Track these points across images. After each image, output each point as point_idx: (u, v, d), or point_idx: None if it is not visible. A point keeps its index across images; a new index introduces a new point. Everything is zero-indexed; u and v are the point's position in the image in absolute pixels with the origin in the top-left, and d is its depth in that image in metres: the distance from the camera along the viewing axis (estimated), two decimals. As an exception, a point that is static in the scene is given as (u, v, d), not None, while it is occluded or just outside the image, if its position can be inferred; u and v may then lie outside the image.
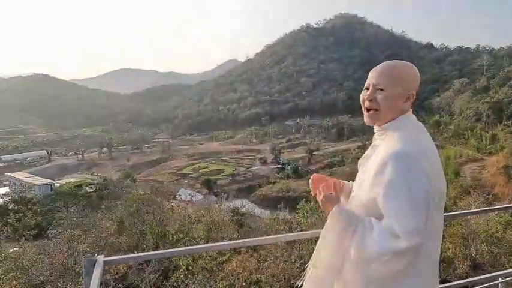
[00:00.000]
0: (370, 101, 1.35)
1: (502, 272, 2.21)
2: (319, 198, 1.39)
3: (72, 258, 8.36)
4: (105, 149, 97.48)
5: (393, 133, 1.32)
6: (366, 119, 1.39)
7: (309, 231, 1.87)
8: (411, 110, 1.40)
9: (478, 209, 5.81)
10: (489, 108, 67.85)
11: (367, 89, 1.38)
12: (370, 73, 1.39)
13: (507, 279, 2.12)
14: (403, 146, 1.23)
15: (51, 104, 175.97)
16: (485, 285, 2.13)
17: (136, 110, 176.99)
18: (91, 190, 41.88)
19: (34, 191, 41.06)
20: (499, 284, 2.15)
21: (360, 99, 1.41)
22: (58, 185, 50.24)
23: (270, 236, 2.34)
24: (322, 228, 1.39)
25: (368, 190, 1.26)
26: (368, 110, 1.37)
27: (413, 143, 1.26)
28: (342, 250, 1.26)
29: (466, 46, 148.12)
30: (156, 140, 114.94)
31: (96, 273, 1.30)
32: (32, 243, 11.82)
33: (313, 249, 1.39)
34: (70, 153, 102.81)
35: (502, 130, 59.25)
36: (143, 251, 8.37)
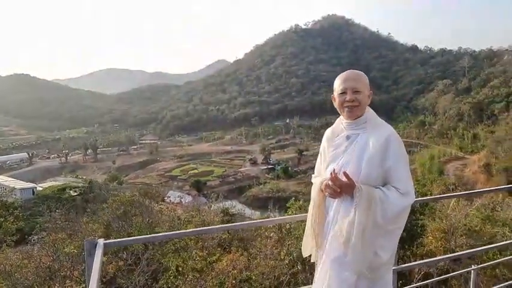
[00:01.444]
0: (353, 101, 1.74)
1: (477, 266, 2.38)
2: (336, 186, 1.65)
3: (58, 262, 8.25)
4: (90, 151, 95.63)
5: (374, 122, 1.76)
6: (348, 115, 1.78)
7: (294, 215, 2.03)
8: None
9: (446, 195, 6.05)
10: (471, 108, 69.71)
11: (344, 93, 1.76)
12: (341, 81, 1.80)
13: (479, 266, 2.27)
14: (391, 129, 1.71)
15: (32, 105, 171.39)
16: (460, 271, 2.28)
17: (122, 111, 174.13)
18: (75, 193, 40.99)
19: (15, 195, 39.74)
20: (472, 271, 2.30)
21: (338, 102, 1.82)
22: (40, 188, 48.90)
23: (258, 220, 2.47)
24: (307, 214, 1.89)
25: (377, 165, 1.64)
26: (352, 107, 1.75)
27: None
28: (371, 217, 1.59)
29: (448, 48, 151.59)
30: (143, 141, 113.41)
31: (98, 253, 1.41)
32: (14, 249, 11.56)
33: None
34: (53, 155, 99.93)
35: (482, 129, 60.93)
36: (132, 253, 8.33)
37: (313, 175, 2.00)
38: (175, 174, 69.65)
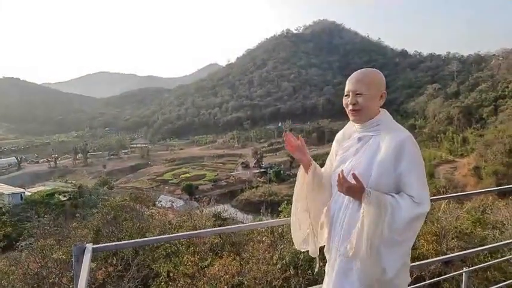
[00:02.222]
0: (353, 104, 1.64)
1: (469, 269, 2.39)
2: (344, 187, 1.56)
3: (47, 268, 8.08)
4: (79, 155, 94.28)
5: (387, 124, 1.65)
6: (352, 118, 1.70)
7: (287, 218, 2.01)
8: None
9: (437, 197, 6.10)
10: (460, 112, 70.75)
11: (348, 95, 1.67)
12: (347, 82, 1.68)
13: (471, 268, 2.27)
14: (406, 132, 1.59)
15: (21, 109, 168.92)
16: (452, 274, 2.28)
17: (113, 115, 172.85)
18: (64, 198, 40.34)
19: (3, 200, 39.03)
20: (464, 274, 2.30)
21: (344, 105, 1.70)
22: (29, 193, 47.95)
23: (250, 223, 2.44)
24: None
25: (389, 170, 1.52)
26: (353, 111, 1.66)
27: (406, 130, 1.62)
28: (380, 225, 1.48)
29: (437, 53, 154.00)
30: (134, 145, 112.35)
31: (86, 258, 1.36)
32: (1, 256, 11.29)
33: (294, 251, 1.67)
34: (42, 160, 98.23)
35: (471, 133, 61.86)
36: (122, 258, 8.21)
37: None
38: (166, 178, 69.06)
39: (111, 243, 1.69)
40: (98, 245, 1.52)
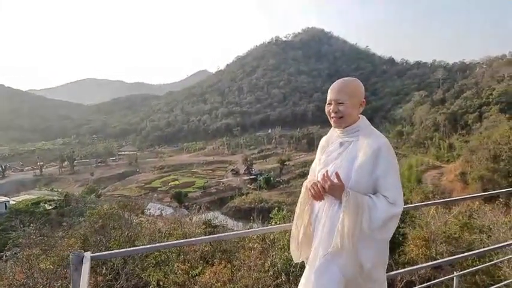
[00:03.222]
0: (335, 112, 1.78)
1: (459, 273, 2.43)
2: (326, 186, 1.68)
3: (33, 279, 7.87)
4: (66, 163, 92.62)
5: (365, 130, 1.78)
6: (334, 125, 1.84)
7: (280, 225, 2.04)
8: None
9: (426, 202, 6.20)
10: (446, 119, 72.14)
11: (330, 104, 1.81)
12: (329, 91, 1.81)
13: (461, 272, 2.31)
14: (384, 138, 1.73)
15: (6, 116, 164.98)
16: (442, 278, 2.31)
17: (101, 122, 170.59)
18: (50, 207, 39.43)
19: (-13, 209, 38.12)
20: (455, 278, 2.34)
21: (326, 112, 1.85)
22: (13, 202, 46.75)
23: (243, 230, 2.44)
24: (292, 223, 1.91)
25: (367, 174, 1.65)
26: (335, 118, 1.79)
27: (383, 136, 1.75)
28: (358, 223, 1.61)
29: (424, 61, 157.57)
30: (123, 152, 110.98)
31: (85, 268, 1.35)
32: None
33: (287, 257, 1.74)
34: (27, 168, 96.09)
35: (457, 139, 62.96)
36: (111, 267, 8.05)
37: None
38: (155, 185, 68.28)
39: (109, 252, 1.68)
40: (96, 254, 1.51)
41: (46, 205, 40.43)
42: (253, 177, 66.22)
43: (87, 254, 1.42)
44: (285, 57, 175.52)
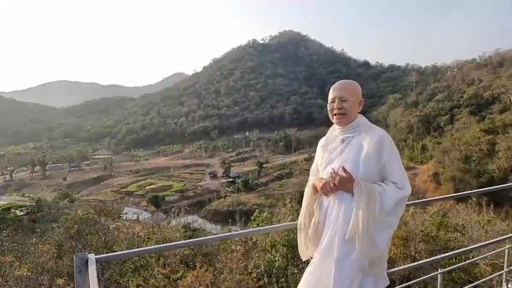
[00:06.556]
0: (339, 109, 1.90)
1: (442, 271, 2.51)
2: (336, 181, 1.77)
3: (7, 287, 7.52)
4: (37, 168, 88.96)
5: (365, 125, 1.91)
6: (336, 122, 1.94)
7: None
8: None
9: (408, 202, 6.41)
10: (419, 121, 74.70)
11: (333, 102, 1.92)
12: (331, 90, 1.94)
13: (444, 270, 2.39)
14: (383, 130, 1.87)
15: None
16: (425, 276, 2.38)
17: (73, 125, 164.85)
18: (22, 213, 37.68)
19: (-49, 217, 35.93)
20: (439, 275, 2.41)
21: (328, 110, 1.97)
22: (-19, 209, 44.54)
23: (226, 233, 2.43)
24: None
25: (374, 162, 1.77)
26: (338, 115, 1.90)
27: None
28: (371, 210, 1.69)
29: (397, 64, 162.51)
30: (97, 156, 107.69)
31: (92, 270, 1.33)
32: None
33: (269, 259, 1.83)
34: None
35: (430, 141, 65.23)
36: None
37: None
38: (131, 190, 66.58)
39: (114, 253, 1.68)
40: (101, 255, 1.47)
41: (17, 211, 38.55)
42: (231, 180, 65.92)
43: (91, 256, 1.39)
44: (262, 60, 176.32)
